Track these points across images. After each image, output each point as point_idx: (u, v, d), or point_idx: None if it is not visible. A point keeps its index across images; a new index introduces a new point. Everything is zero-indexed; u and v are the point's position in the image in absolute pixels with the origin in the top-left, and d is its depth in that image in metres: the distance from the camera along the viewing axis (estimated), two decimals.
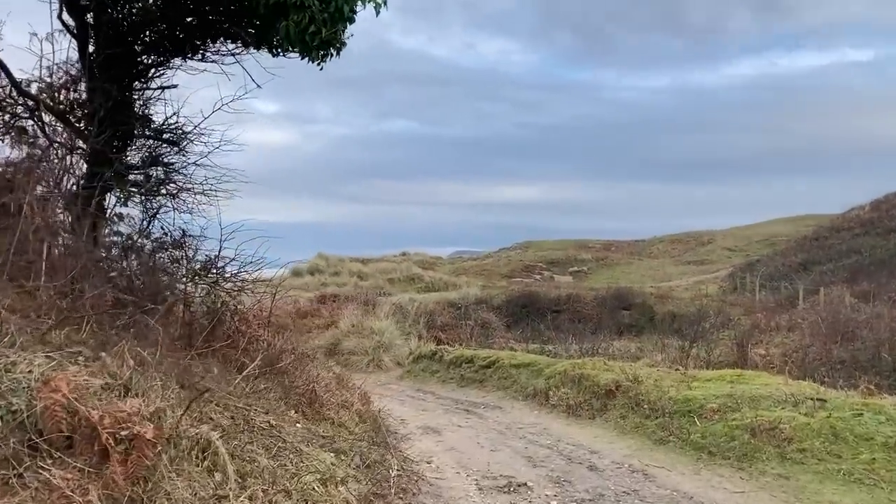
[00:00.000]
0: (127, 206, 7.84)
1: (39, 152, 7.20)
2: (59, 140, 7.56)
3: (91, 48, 7.59)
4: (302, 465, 5.33)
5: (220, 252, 7.53)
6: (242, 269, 7.78)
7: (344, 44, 7.35)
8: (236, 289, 7.94)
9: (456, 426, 10.89)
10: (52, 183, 6.88)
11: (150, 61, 8.02)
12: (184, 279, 7.53)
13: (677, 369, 12.92)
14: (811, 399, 9.10)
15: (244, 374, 6.95)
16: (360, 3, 7.09)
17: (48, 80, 7.64)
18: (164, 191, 7.62)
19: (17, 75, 7.33)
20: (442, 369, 15.29)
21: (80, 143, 7.59)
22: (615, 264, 60.90)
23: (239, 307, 8.03)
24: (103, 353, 4.51)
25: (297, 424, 6.50)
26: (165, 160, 7.72)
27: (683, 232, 70.66)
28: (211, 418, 5.08)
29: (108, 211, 7.71)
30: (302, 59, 7.44)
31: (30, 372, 3.93)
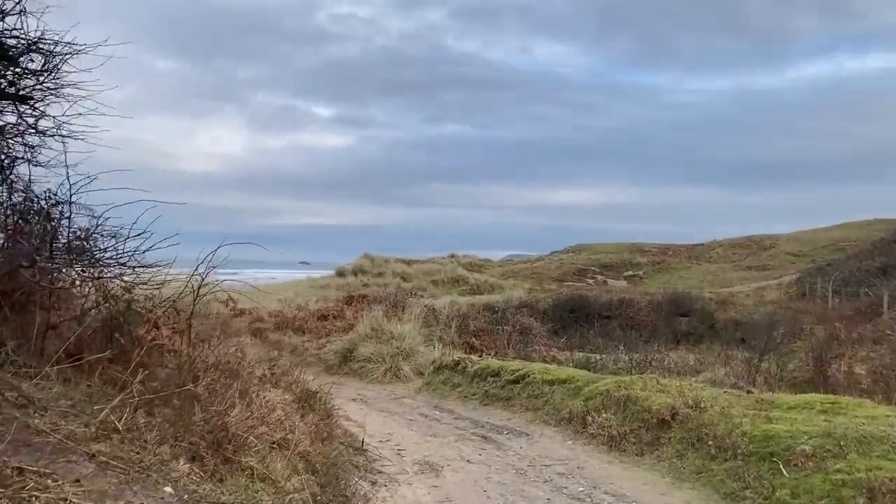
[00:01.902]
0: None
1: None
2: None
3: None
4: None
5: (97, 225, 5.24)
6: (136, 253, 5.45)
7: None
8: (134, 282, 5.63)
9: (464, 461, 8.44)
10: None
11: None
12: (51, 263, 5.25)
13: (749, 391, 10.25)
14: None
15: (115, 402, 4.63)
16: None
17: None
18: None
19: None
20: (465, 383, 12.85)
21: None
22: (672, 269, 57.59)
23: (142, 306, 5.72)
24: None
25: (167, 489, 4.12)
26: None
27: (744, 236, 66.81)
28: None
29: None
30: None
31: None
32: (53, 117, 5.33)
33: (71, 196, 5.24)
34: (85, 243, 5.47)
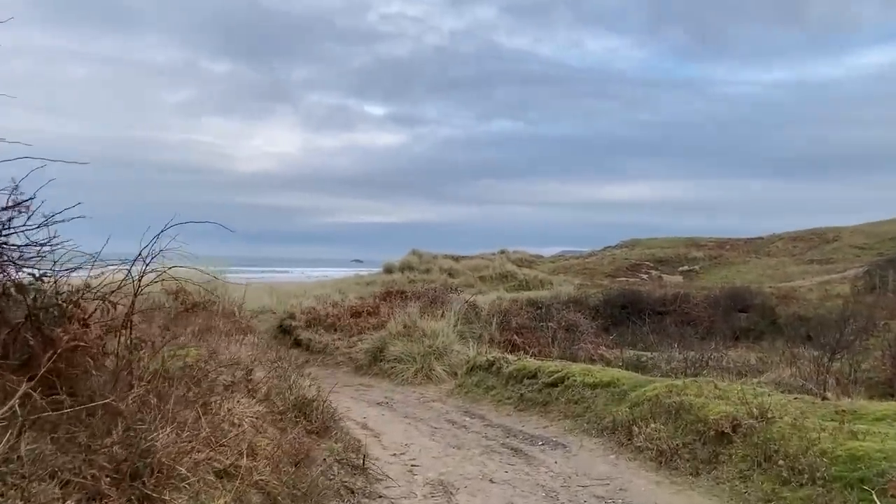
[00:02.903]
0: None
1: None
2: None
3: None
4: None
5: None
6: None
7: None
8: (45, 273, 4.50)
9: (486, 481, 7.14)
10: None
11: None
12: None
13: (823, 397, 8.73)
14: None
15: None
16: None
17: None
18: None
19: None
20: (499, 385, 11.52)
21: None
22: (730, 263, 55.18)
23: (64, 299, 4.57)
24: None
25: None
26: None
27: (806, 229, 63.91)
28: None
29: None
30: None
31: None
32: None
33: None
34: None
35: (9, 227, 4.52)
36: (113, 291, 4.84)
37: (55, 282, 4.61)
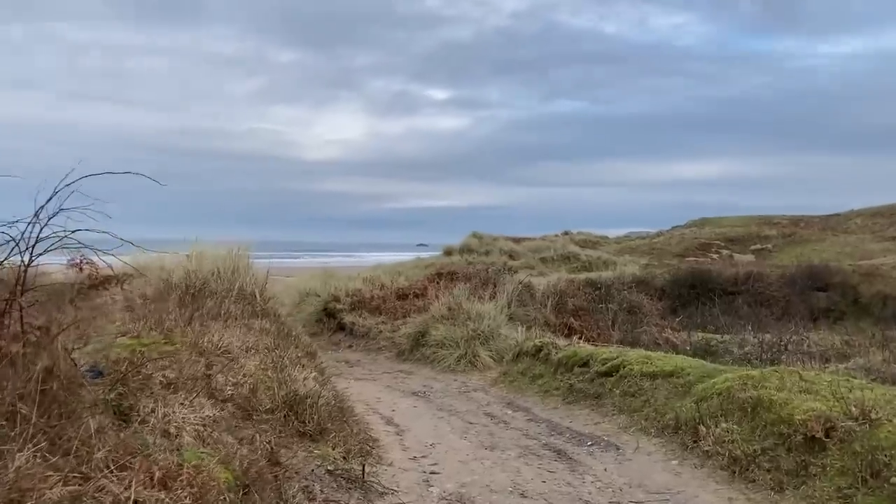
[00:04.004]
0: None
1: None
2: None
3: None
4: None
5: None
6: None
7: None
8: None
9: (516, 495, 5.78)
10: None
11: None
12: None
13: None
14: None
15: None
16: None
17: None
18: None
19: None
20: (547, 374, 10.11)
21: None
22: (805, 241, 52.13)
23: None
24: None
25: None
26: None
27: (886, 204, 60.15)
28: None
29: None
30: None
31: None
32: None
33: None
34: None
35: None
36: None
37: None
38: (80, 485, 3.01)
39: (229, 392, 5.64)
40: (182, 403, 4.15)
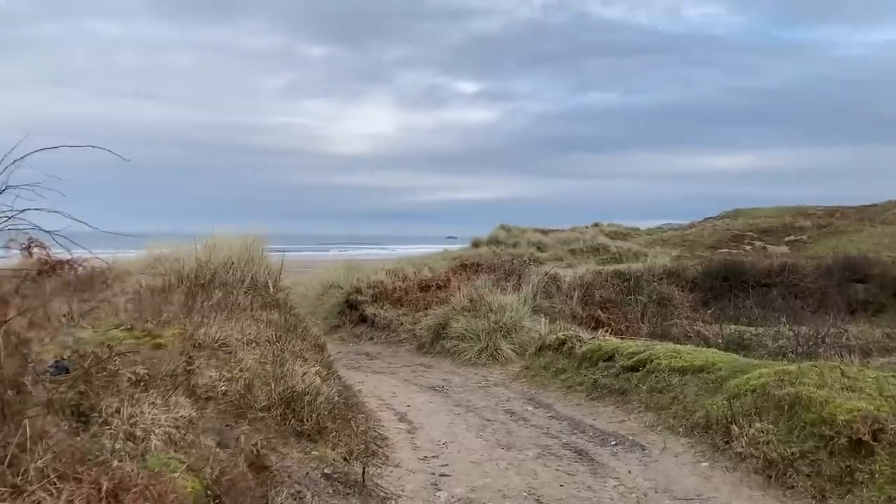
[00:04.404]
0: None
1: None
2: None
3: None
4: None
5: None
6: None
7: None
8: None
9: (532, 500, 5.31)
10: None
11: None
12: None
13: None
14: None
15: None
16: None
17: None
18: None
19: None
20: (570, 368, 9.61)
21: None
22: (840, 232, 50.73)
23: None
24: None
25: None
26: None
27: None
28: None
29: None
30: None
31: None
32: None
33: None
34: None
35: None
36: None
37: None
38: (11, 499, 2.61)
39: (222, 388, 5.24)
40: (154, 403, 3.74)
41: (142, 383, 3.93)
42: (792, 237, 50.84)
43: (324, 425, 5.31)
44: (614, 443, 6.99)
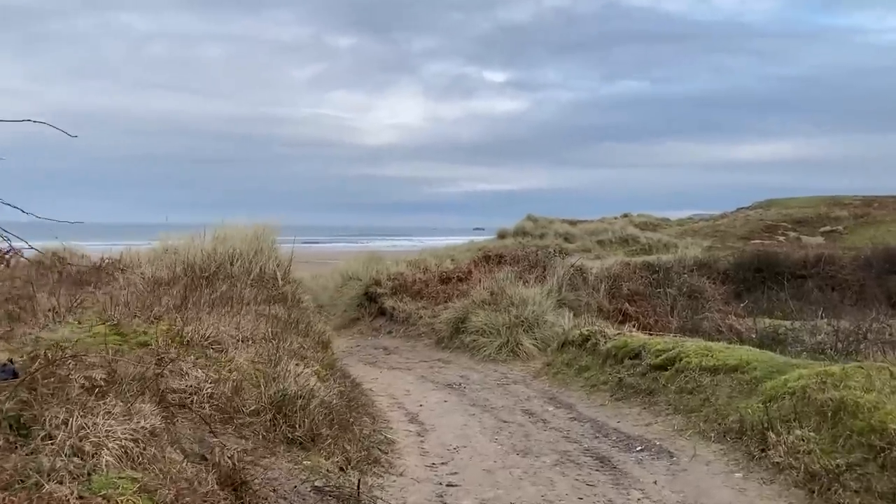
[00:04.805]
0: None
1: None
2: None
3: None
4: None
5: None
6: None
7: None
8: None
9: None
10: None
11: None
12: None
13: None
14: None
15: None
16: None
17: None
18: None
19: None
20: (594, 366, 9.07)
21: None
22: (878, 222, 49.39)
23: None
24: None
25: None
26: None
27: None
28: None
29: None
30: None
31: None
32: None
33: None
34: None
35: None
36: None
37: None
38: None
39: (207, 391, 4.81)
40: (110, 412, 3.30)
41: (97, 389, 3.50)
42: (827, 227, 49.61)
43: (318, 431, 4.85)
44: (640, 448, 6.46)
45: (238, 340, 5.82)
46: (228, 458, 3.73)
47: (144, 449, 3.26)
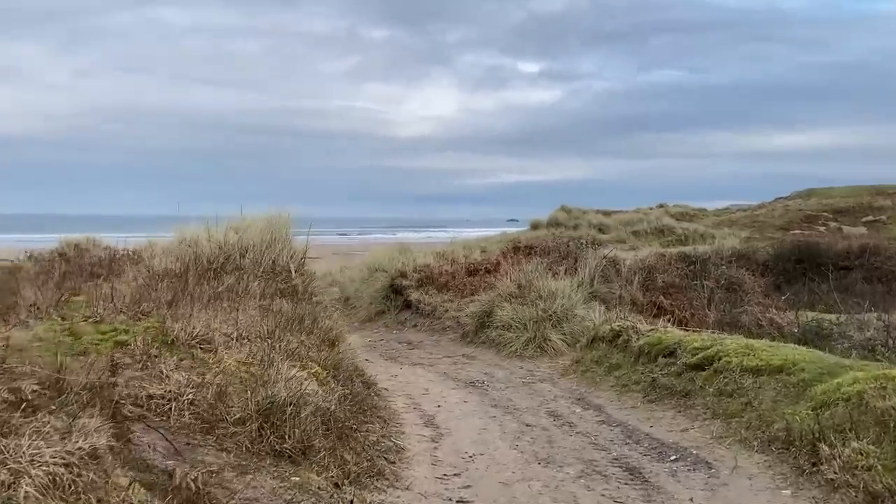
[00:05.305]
0: None
1: None
2: None
3: None
4: None
5: None
6: None
7: None
8: None
9: None
10: None
11: None
12: None
13: None
14: None
15: None
16: None
17: None
18: None
19: None
20: (625, 364, 8.42)
21: None
22: None
23: None
24: None
25: None
26: None
27: None
28: None
29: None
30: None
31: None
32: None
33: None
34: None
35: None
36: None
37: None
38: None
39: (189, 396, 4.29)
40: (40, 430, 2.77)
41: (24, 404, 2.97)
42: (870, 217, 47.98)
43: (310, 443, 4.30)
44: (674, 458, 5.82)
45: (233, 339, 5.30)
46: (192, 479, 3.19)
47: (80, 475, 2.73)
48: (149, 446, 3.76)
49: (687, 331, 8.91)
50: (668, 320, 10.96)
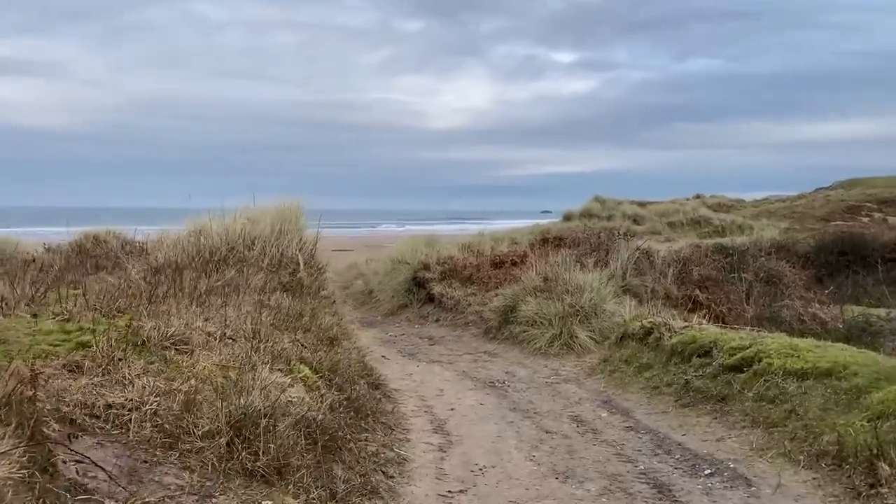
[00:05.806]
0: None
1: None
2: None
3: None
4: None
5: None
6: None
7: None
8: None
9: None
10: None
11: None
12: None
13: None
14: None
15: None
16: None
17: None
18: None
19: None
20: (657, 364, 7.76)
21: None
22: None
23: None
24: None
25: None
26: None
27: None
28: None
29: None
30: None
31: None
32: None
33: None
34: None
35: None
36: None
37: None
38: None
39: (153, 406, 3.77)
40: None
41: None
42: None
43: (286, 461, 3.75)
44: (709, 472, 5.18)
45: (215, 339, 4.77)
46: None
47: None
48: (96, 466, 3.24)
49: (724, 328, 8.20)
50: (704, 315, 10.26)
